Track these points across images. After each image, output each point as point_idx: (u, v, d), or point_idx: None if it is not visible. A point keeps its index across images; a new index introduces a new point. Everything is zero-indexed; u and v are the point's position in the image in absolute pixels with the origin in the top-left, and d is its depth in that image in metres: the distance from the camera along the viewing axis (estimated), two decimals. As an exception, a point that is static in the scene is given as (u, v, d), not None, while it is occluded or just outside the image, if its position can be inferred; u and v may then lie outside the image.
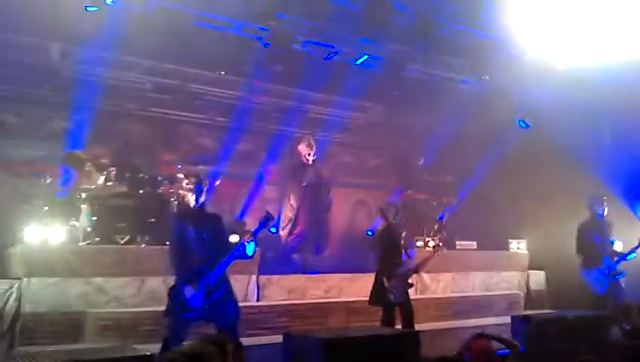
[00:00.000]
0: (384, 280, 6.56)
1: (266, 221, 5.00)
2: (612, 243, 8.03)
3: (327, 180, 9.36)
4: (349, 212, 12.31)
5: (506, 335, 6.99)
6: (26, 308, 6.15)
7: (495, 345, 4.36)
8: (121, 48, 9.26)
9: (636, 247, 7.82)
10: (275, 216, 9.19)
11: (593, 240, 7.91)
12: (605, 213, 7.99)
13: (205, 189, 5.10)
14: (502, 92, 10.65)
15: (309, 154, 9.10)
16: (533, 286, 10.41)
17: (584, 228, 8.00)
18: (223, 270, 4.89)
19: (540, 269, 10.53)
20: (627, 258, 7.85)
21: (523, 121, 10.94)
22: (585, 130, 10.67)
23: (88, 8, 7.12)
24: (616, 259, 7.86)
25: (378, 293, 6.64)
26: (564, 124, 10.98)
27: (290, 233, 9.14)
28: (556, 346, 5.86)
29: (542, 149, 10.89)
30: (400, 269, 6.54)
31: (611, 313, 6.99)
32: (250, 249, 4.88)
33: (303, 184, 9.08)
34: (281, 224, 9.25)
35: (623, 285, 7.86)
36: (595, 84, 10.30)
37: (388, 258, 6.61)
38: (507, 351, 6.36)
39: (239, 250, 4.85)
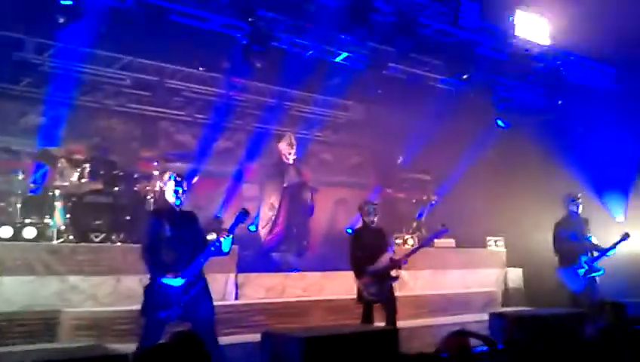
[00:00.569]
0: (357, 280, 6.56)
1: (242, 216, 4.97)
2: (589, 239, 8.08)
3: (309, 183, 9.25)
4: (330, 210, 12.29)
5: (484, 332, 7.07)
6: (-1, 307, 6.03)
7: (472, 342, 4.37)
8: (98, 43, 9.13)
9: (617, 243, 7.87)
10: (255, 214, 9.16)
11: (569, 238, 7.97)
12: (580, 210, 8.05)
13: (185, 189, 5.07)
14: (481, 92, 10.73)
15: (290, 153, 9.02)
16: (510, 284, 10.48)
17: (560, 227, 8.06)
18: (200, 266, 4.86)
19: (518, 267, 10.62)
20: (607, 254, 7.91)
21: (501, 120, 11.03)
22: (560, 130, 10.84)
23: (62, 1, 6.99)
24: (596, 255, 7.92)
25: (357, 291, 6.64)
26: (541, 124, 11.14)
27: (269, 232, 9.07)
28: (533, 343, 5.91)
29: (520, 148, 11.02)
30: (373, 267, 6.51)
31: (587, 310, 7.07)
32: (226, 245, 4.85)
33: (284, 185, 8.98)
34: (261, 223, 9.18)
35: (598, 282, 7.94)
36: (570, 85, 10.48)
37: (360, 256, 6.59)
38: (484, 348, 6.40)
39: (215, 246, 4.82)
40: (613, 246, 7.85)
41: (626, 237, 7.84)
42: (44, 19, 7.94)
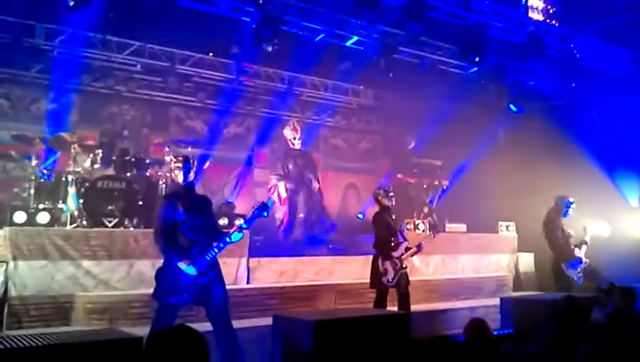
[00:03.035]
0: (380, 262, 6.58)
1: (261, 210, 4.95)
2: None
3: (313, 168, 9.25)
4: (340, 195, 12.31)
5: (495, 316, 7.08)
6: (13, 291, 6.09)
7: (491, 325, 4.39)
8: (108, 29, 9.13)
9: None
10: (265, 199, 9.18)
11: (564, 233, 8.11)
12: (570, 214, 8.17)
13: (193, 168, 5.06)
14: (493, 75, 10.61)
15: (295, 138, 9.03)
16: (522, 269, 10.46)
17: (556, 222, 8.15)
18: (214, 257, 4.87)
19: (529, 251, 10.59)
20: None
21: (514, 105, 10.92)
22: (574, 114, 10.73)
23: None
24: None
25: (374, 276, 6.66)
26: (554, 108, 11.02)
27: (282, 218, 9.09)
28: (544, 327, 5.90)
29: (532, 133, 10.91)
30: (395, 252, 6.58)
31: (595, 295, 7.12)
32: (235, 238, 4.88)
33: (290, 166, 9.01)
34: (274, 208, 9.20)
35: (599, 270, 8.06)
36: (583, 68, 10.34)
37: (386, 241, 6.63)
38: (504, 331, 6.43)
39: (228, 241, 4.84)
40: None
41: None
42: (54, 5, 7.95)
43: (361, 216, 11.07)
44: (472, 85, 10.70)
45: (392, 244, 6.67)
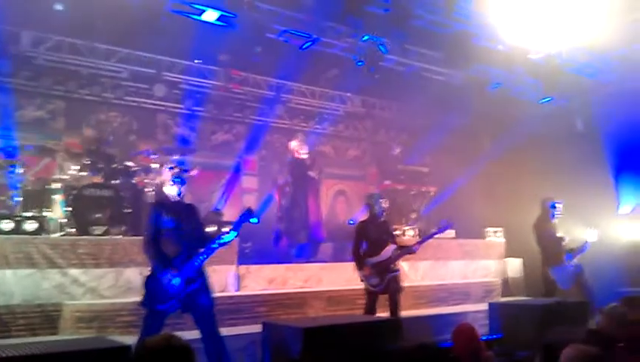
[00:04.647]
0: (357, 270, 6.61)
1: (247, 216, 4.96)
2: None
3: (317, 179, 9.29)
4: (329, 202, 12.33)
5: (484, 321, 7.12)
6: (0, 300, 6.03)
7: (480, 330, 4.42)
8: (95, 36, 9.12)
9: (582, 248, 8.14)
10: (255, 206, 9.18)
11: (555, 236, 8.11)
12: (558, 216, 8.19)
13: (186, 178, 5.07)
14: (479, 83, 10.69)
15: (302, 150, 9.05)
16: (510, 274, 10.52)
17: (544, 225, 8.16)
18: (201, 264, 4.87)
19: (517, 257, 10.66)
20: (583, 252, 8.19)
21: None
22: (560, 121, 10.84)
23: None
24: (574, 252, 8.11)
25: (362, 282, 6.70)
26: (540, 115, 11.13)
27: (283, 226, 9.11)
28: (531, 332, 5.95)
29: (520, 139, 11.01)
30: (374, 259, 6.57)
31: (581, 301, 7.18)
32: (229, 237, 4.87)
33: (295, 180, 9.01)
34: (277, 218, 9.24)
35: (587, 277, 8.09)
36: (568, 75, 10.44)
37: (361, 247, 6.65)
38: (491, 336, 6.46)
39: (218, 245, 4.83)
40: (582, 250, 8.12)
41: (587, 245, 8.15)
42: (40, 12, 7.92)
43: (352, 222, 11.10)
44: (457, 92, 10.78)
45: (369, 251, 6.66)
